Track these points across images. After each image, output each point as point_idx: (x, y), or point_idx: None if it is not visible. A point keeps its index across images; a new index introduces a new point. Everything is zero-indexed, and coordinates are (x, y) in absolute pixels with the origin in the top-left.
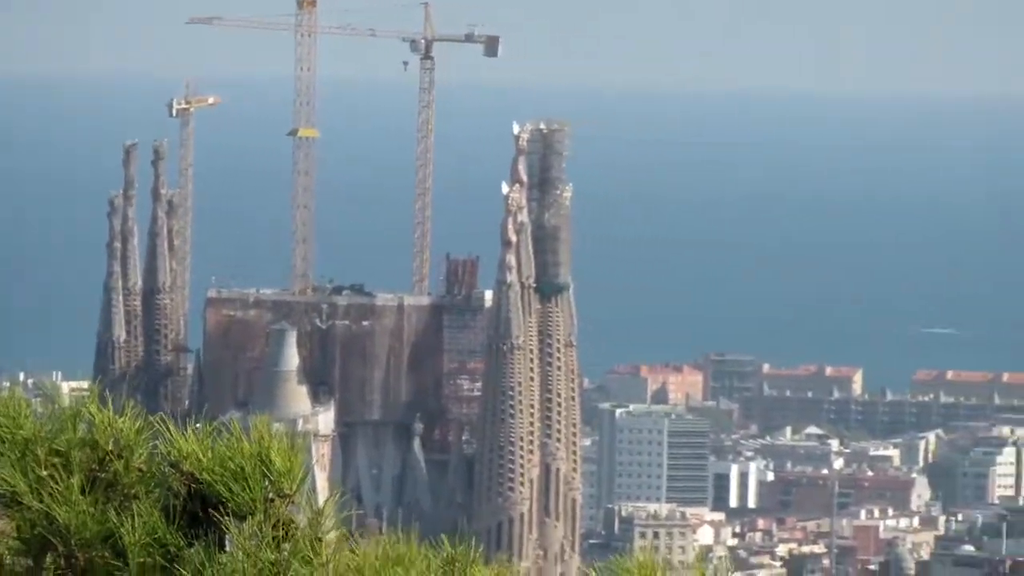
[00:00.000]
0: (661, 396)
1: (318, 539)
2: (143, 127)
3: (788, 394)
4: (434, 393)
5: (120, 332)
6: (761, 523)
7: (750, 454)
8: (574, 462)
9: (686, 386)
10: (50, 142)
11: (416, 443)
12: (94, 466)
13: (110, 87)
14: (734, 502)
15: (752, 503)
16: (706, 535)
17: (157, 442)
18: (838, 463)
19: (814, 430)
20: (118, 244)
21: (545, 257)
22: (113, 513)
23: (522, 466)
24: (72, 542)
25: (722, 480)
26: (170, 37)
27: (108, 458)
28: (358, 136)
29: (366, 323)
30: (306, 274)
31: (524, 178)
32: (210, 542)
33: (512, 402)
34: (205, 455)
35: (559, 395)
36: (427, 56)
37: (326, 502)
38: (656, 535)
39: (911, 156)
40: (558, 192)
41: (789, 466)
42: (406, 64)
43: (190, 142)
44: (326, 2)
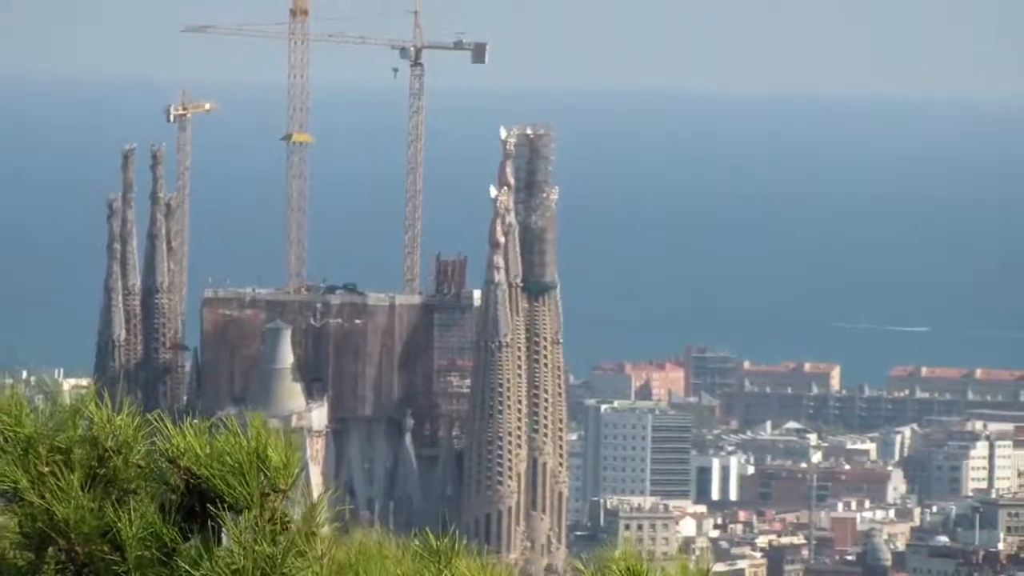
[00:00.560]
0: (645, 392)
1: (312, 533)
2: (141, 132)
3: (768, 390)
4: (424, 390)
5: (120, 331)
6: (742, 515)
7: (731, 448)
8: (560, 456)
9: (669, 382)
10: (51, 146)
11: (407, 438)
12: (94, 463)
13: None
14: (716, 495)
15: (733, 496)
16: (689, 527)
17: (155, 438)
18: (816, 457)
19: (793, 425)
20: (118, 246)
21: (532, 257)
22: (112, 508)
23: (510, 460)
24: (72, 537)
25: (704, 474)
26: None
27: (107, 455)
28: (350, 140)
29: (358, 322)
30: (300, 274)
31: (511, 181)
32: (207, 536)
33: (500, 398)
34: (203, 451)
35: (546, 391)
36: (416, 63)
37: (320, 497)
38: (640, 527)
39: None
40: (544, 195)
41: (769, 460)
42: (396, 71)
43: (187, 147)
44: (318, 11)
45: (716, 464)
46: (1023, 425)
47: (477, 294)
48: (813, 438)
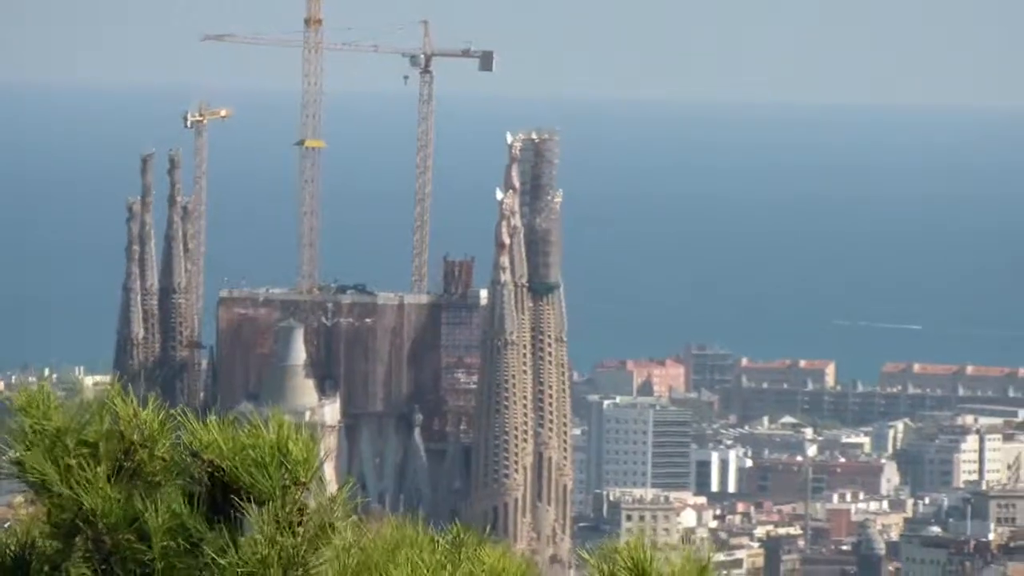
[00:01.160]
0: (646, 388)
1: (331, 524)
2: (159, 138)
3: (765, 386)
4: (433, 386)
5: (138, 330)
6: (740, 507)
7: (729, 442)
8: (565, 450)
9: (669, 379)
10: (71, 150)
11: (416, 433)
12: (120, 456)
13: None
14: (715, 487)
15: (732, 488)
16: (689, 518)
17: (179, 433)
18: (812, 450)
19: (789, 419)
20: (136, 247)
21: (537, 258)
22: (138, 499)
23: (516, 454)
24: (99, 526)
25: (703, 467)
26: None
27: (133, 448)
28: (361, 145)
29: (368, 320)
30: (312, 275)
31: (517, 184)
32: (231, 527)
33: (506, 394)
34: (226, 445)
35: (550, 388)
36: (426, 70)
37: (340, 489)
38: (642, 518)
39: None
40: (549, 198)
41: (766, 453)
42: (406, 78)
43: (204, 152)
44: (331, 20)
45: (715, 457)
46: (1012, 419)
47: (484, 294)
48: (809, 432)
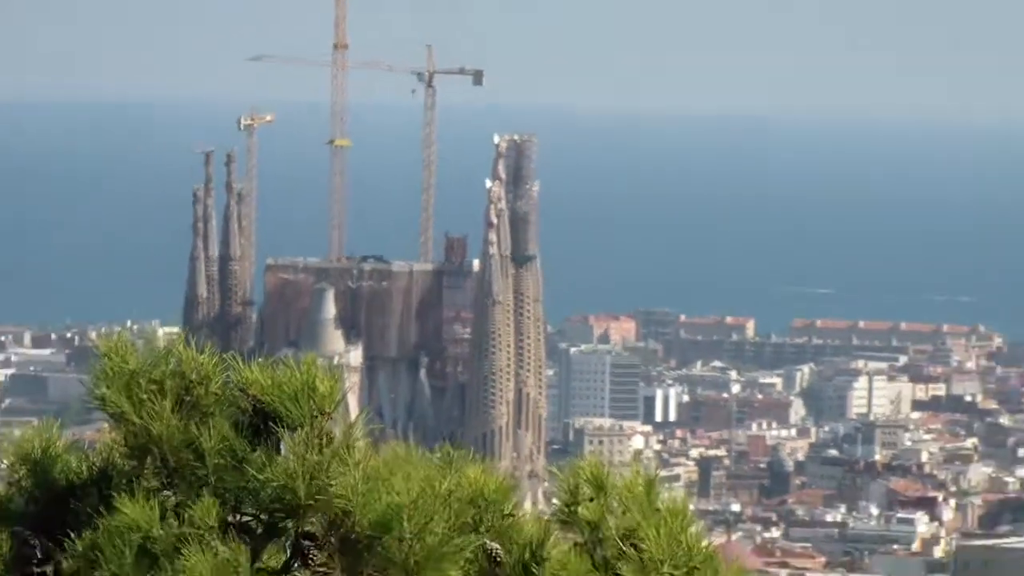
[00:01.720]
0: (604, 339)
1: (350, 446)
2: (219, 138)
3: (699, 337)
4: (436, 336)
5: (202, 290)
6: (678, 433)
7: (670, 382)
8: (540, 388)
9: (623, 331)
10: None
11: (422, 374)
12: (181, 392)
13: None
14: (658, 418)
15: (672, 418)
16: (638, 442)
17: (229, 373)
18: (735, 388)
19: (718, 364)
20: (200, 225)
21: (518, 235)
22: (195, 427)
23: (501, 391)
24: (164, 448)
25: (649, 401)
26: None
27: (192, 385)
28: (378, 144)
29: (385, 284)
30: (340, 247)
31: (502, 176)
32: (269, 447)
33: (493, 343)
34: (266, 382)
35: (528, 338)
36: (430, 85)
37: (357, 417)
38: (600, 442)
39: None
40: (528, 186)
41: (699, 391)
42: (414, 91)
43: (253, 149)
44: (355, 43)
45: (659, 394)
46: (895, 363)
47: (476, 263)
48: (733, 374)
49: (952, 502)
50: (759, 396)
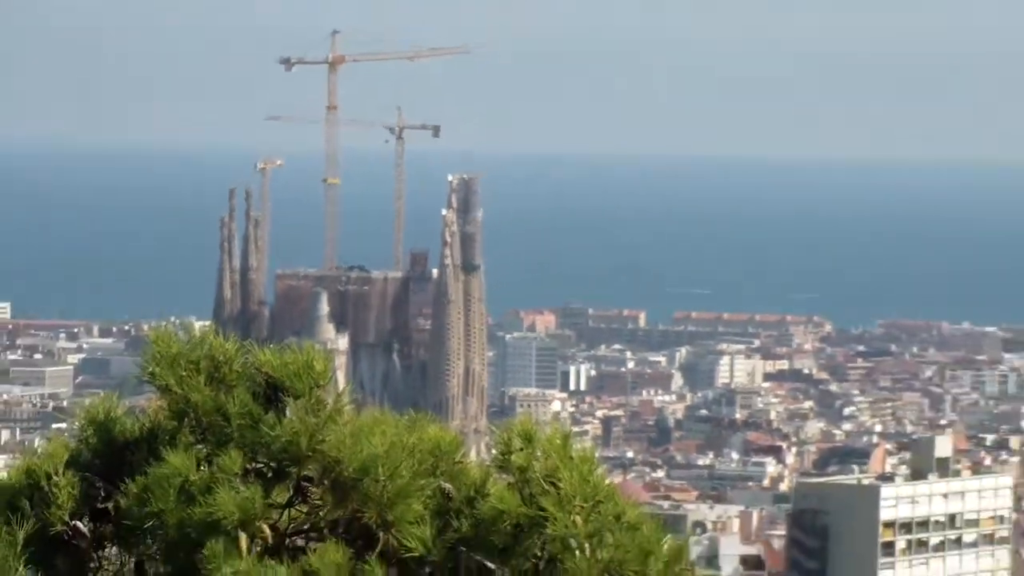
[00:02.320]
0: (532, 328)
1: (339, 410)
2: (240, 178)
3: (603, 326)
4: (404, 327)
5: (227, 293)
6: (587, 399)
7: (581, 360)
8: (482, 365)
9: (545, 322)
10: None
11: (394, 355)
12: (212, 369)
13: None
14: (572, 387)
15: (582, 388)
16: (556, 406)
17: (248, 355)
18: (631, 364)
19: (617, 346)
20: (226, 244)
21: (467, 250)
22: (222, 396)
23: (453, 368)
24: (199, 412)
25: (565, 375)
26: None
27: (220, 365)
28: (361, 182)
29: (366, 287)
30: (332, 260)
31: (455, 205)
32: (278, 412)
33: (448, 332)
34: (276, 362)
35: (474, 328)
36: (400, 137)
37: (344, 389)
38: (529, 406)
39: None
40: (474, 214)
41: (603, 367)
42: (387, 141)
43: (267, 186)
44: (343, 105)
45: (572, 369)
46: (750, 345)
47: (435, 272)
48: (628, 354)
49: (793, 450)
50: (648, 371)
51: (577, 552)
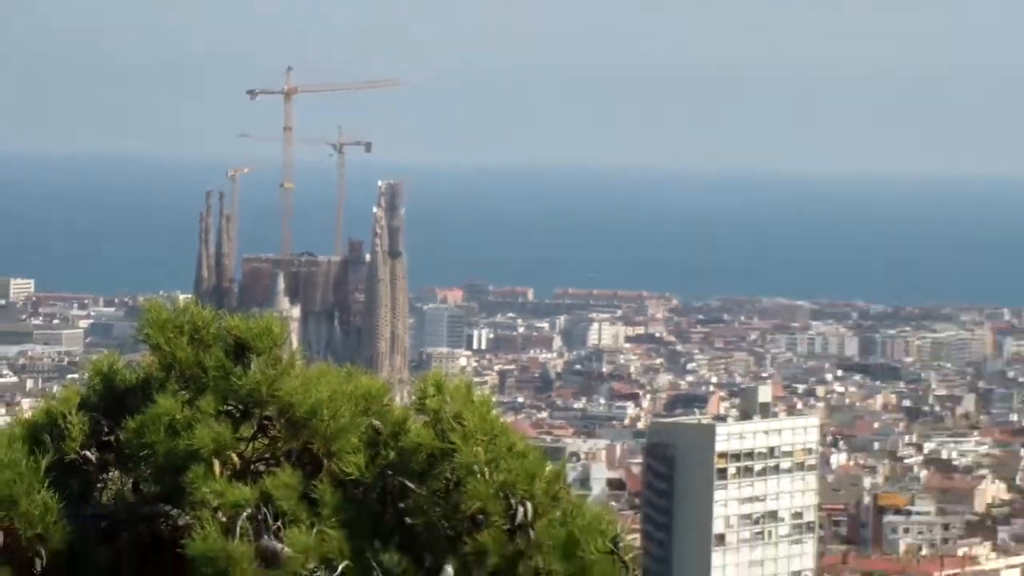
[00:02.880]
0: (444, 301)
1: (292, 364)
2: (215, 183)
3: (499, 299)
4: (344, 300)
5: (205, 273)
6: (487, 356)
7: (482, 326)
8: (405, 330)
9: (455, 297)
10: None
11: (336, 322)
12: (192, 332)
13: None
14: (475, 347)
15: (483, 347)
16: (463, 362)
17: (221, 321)
18: (521, 329)
19: (512, 314)
20: (204, 234)
21: (393, 240)
22: (201, 353)
23: (382, 332)
24: (183, 366)
25: (470, 338)
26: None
27: (198, 328)
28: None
29: (314, 269)
30: (288, 247)
31: (383, 205)
32: (245, 365)
33: (378, 305)
34: (242, 326)
35: (398, 301)
36: (340, 151)
37: (296, 348)
38: (441, 362)
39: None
40: (399, 211)
41: (499, 331)
42: (331, 155)
43: (237, 189)
44: (297, 126)
45: (475, 333)
46: (615, 315)
47: (368, 257)
48: (520, 321)
49: (648, 396)
50: (534, 334)
51: (478, 475)
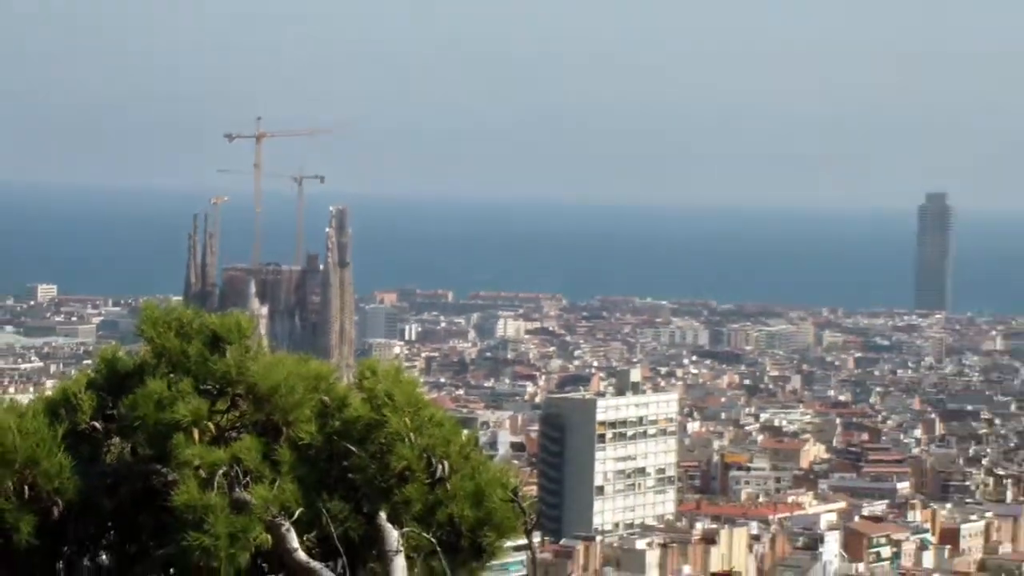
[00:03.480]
0: (382, 301)
1: (259, 352)
2: (201, 207)
3: (427, 300)
4: (303, 301)
5: (193, 280)
6: (416, 346)
7: (412, 323)
8: (351, 325)
9: (391, 299)
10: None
11: (296, 319)
12: (179, 327)
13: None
14: (406, 338)
15: (413, 338)
16: (397, 350)
17: (202, 318)
18: (443, 324)
19: (435, 312)
20: (193, 249)
21: (342, 253)
22: (185, 343)
23: (333, 327)
24: (170, 354)
25: (402, 331)
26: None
27: (184, 324)
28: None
29: (279, 276)
30: (257, 258)
31: (334, 225)
32: (221, 352)
33: (330, 304)
34: (220, 323)
35: (346, 302)
36: (300, 183)
37: (261, 339)
38: (378, 351)
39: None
40: (346, 231)
41: (426, 326)
42: (294, 185)
43: (218, 213)
44: (266, 162)
45: (407, 328)
46: (518, 311)
47: (323, 267)
48: (442, 317)
49: (543, 377)
50: (453, 327)
51: (405, 440)
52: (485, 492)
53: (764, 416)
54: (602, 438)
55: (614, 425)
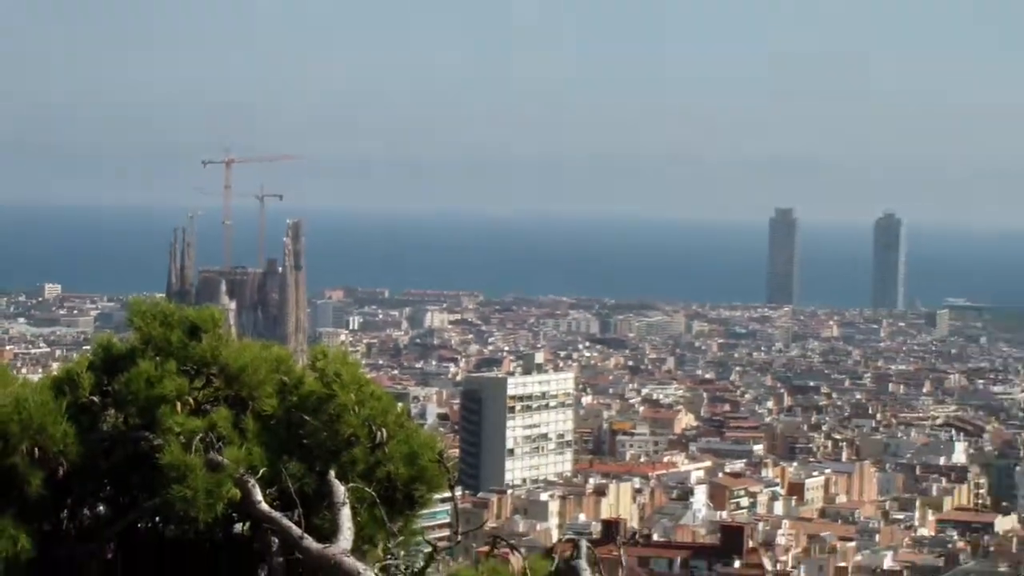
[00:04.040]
0: (330, 297)
1: (229, 339)
2: (180, 221)
3: (367, 296)
4: (264, 298)
5: (174, 280)
6: (359, 335)
7: (356, 315)
8: (304, 317)
9: (338, 295)
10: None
11: (259, 313)
12: (163, 318)
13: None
14: (350, 328)
15: (356, 328)
16: (343, 338)
17: (182, 312)
18: (381, 316)
19: (374, 306)
20: (174, 255)
21: (297, 258)
22: (168, 331)
23: (290, 319)
24: (156, 340)
25: (349, 321)
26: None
27: (167, 316)
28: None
29: (246, 278)
30: (228, 262)
31: (290, 235)
32: (198, 339)
33: (288, 300)
34: (197, 316)
35: (300, 298)
36: (262, 200)
37: (230, 329)
38: (328, 338)
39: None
40: (302, 239)
41: (368, 318)
42: (258, 203)
43: (195, 225)
44: (235, 183)
45: (352, 319)
46: (442, 306)
47: (281, 269)
48: (380, 310)
49: (464, 360)
50: (390, 319)
51: (351, 411)
52: (417, 454)
53: (644, 391)
54: (512, 409)
55: (522, 399)
